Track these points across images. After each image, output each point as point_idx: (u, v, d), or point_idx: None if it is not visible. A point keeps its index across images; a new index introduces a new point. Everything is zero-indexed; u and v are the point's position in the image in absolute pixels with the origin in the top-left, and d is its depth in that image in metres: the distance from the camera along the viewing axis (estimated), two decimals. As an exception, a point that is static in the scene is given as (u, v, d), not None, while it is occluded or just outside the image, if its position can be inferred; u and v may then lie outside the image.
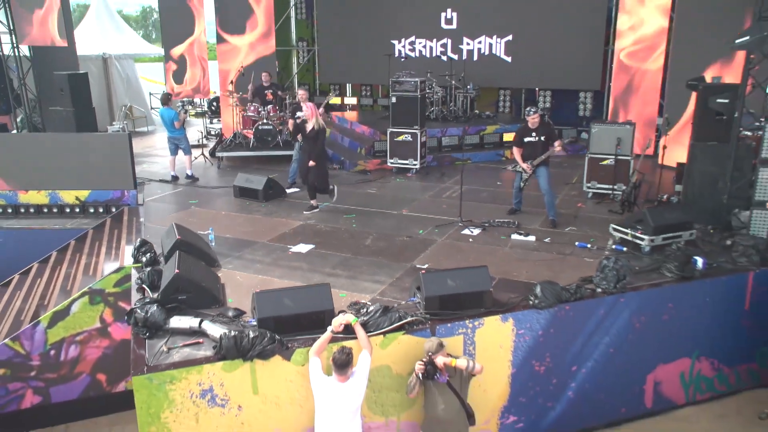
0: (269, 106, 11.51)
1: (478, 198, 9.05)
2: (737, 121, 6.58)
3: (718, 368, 6.39)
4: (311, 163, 8.15)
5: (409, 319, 4.97)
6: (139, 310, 4.92)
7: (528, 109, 7.77)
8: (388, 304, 5.15)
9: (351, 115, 14.42)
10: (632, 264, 6.13)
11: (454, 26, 14.29)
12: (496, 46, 13.99)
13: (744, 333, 6.35)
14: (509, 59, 13.92)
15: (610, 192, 8.69)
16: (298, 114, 9.25)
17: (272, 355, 4.56)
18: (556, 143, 7.44)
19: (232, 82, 12.13)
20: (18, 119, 12.40)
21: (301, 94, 9.67)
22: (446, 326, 5.09)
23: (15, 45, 10.61)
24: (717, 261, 6.24)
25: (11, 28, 10.36)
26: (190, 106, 14.12)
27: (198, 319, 4.89)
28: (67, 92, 10.88)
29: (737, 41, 6.38)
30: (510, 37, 13.79)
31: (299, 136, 8.61)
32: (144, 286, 5.58)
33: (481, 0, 14.07)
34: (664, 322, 5.94)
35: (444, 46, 14.49)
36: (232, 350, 4.46)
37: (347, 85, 16.82)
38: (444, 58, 14.36)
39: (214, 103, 15.47)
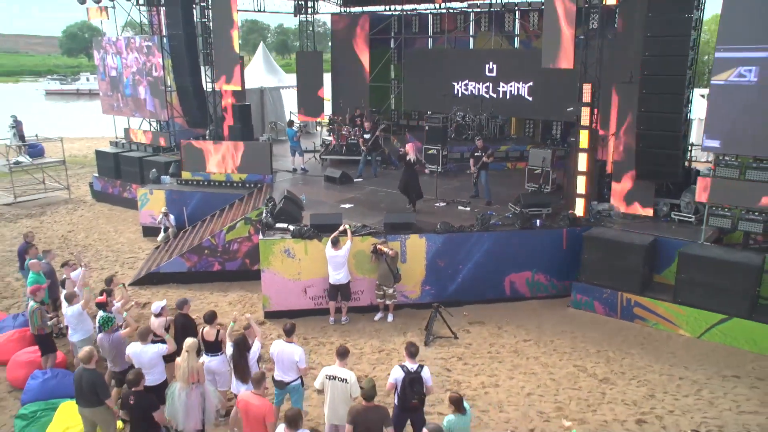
0: (356, 129, 18.23)
1: (463, 188, 15.11)
2: (574, 151, 12.19)
3: (551, 280, 12.10)
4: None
5: (374, 230, 11.41)
6: (264, 219, 11.80)
7: (476, 137, 13.85)
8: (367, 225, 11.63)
9: (416, 134, 20.81)
10: (504, 221, 12.10)
11: (494, 74, 20.14)
12: (522, 89, 19.66)
13: (564, 261, 11.98)
14: (530, 98, 19.54)
15: (538, 188, 14.39)
16: (402, 149, 14.72)
17: (313, 239, 11.20)
18: (485, 158, 13.47)
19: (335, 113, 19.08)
20: (208, 131, 20.14)
21: (366, 125, 16.35)
22: (392, 236, 11.42)
23: (213, 88, 18.28)
24: (549, 223, 11.99)
25: (213, 80, 18.03)
26: (303, 128, 21.32)
27: (286, 224, 11.65)
28: (238, 116, 18.38)
29: (568, 109, 12.09)
30: (531, 83, 19.40)
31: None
32: (267, 213, 12.43)
33: (512, 57, 19.93)
34: (512, 250, 11.80)
35: (487, 87, 20.42)
36: (297, 234, 11.18)
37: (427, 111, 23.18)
38: (486, 96, 20.32)
39: (331, 124, 22.51)
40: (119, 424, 7.66)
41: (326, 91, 21.18)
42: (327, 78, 21.58)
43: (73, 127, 37.35)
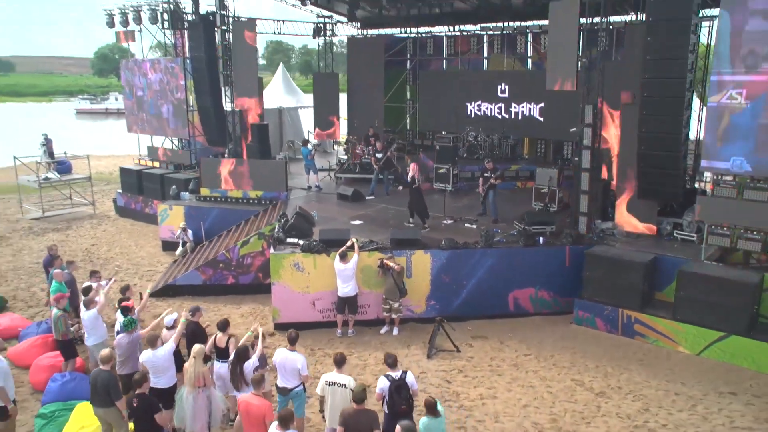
0: (369, 148, 18.70)
1: (472, 206, 15.43)
2: (578, 172, 12.49)
3: (554, 297, 12.33)
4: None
5: (380, 245, 11.80)
6: (275, 234, 12.26)
7: (485, 159, 14.22)
8: (374, 241, 12.02)
9: (429, 153, 21.24)
10: (509, 238, 12.40)
11: (506, 95, 20.52)
12: (533, 109, 19.99)
13: (567, 278, 12.21)
14: (542, 119, 19.87)
15: (543, 207, 14.67)
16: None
17: (321, 253, 11.61)
18: (493, 179, 13.82)
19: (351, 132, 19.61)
20: (227, 149, 20.80)
21: (378, 144, 16.83)
22: (398, 251, 11.79)
23: (233, 108, 18.97)
24: (552, 240, 12.26)
25: (232, 100, 18.72)
26: (317, 147, 21.92)
27: (297, 239, 12.09)
28: (256, 135, 19.00)
29: (571, 130, 12.41)
30: (542, 104, 19.74)
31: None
32: (279, 228, 12.89)
33: (524, 78, 20.31)
34: (515, 266, 12.09)
35: (499, 108, 20.79)
36: (306, 248, 11.61)
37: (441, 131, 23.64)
38: (499, 116, 20.69)
39: (346, 144, 23.09)
40: (131, 425, 8.09)
41: (342, 111, 21.76)
42: (343, 98, 22.20)
43: (101, 144, 38.49)
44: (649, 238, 12.54)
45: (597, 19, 12.62)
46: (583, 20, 12.44)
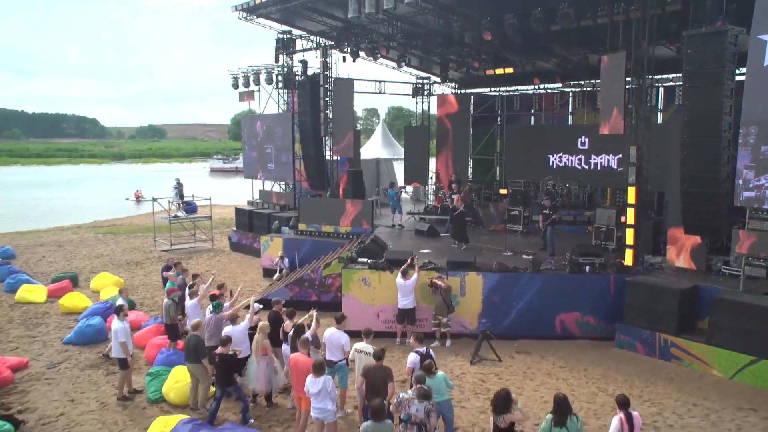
0: (450, 192, 20.44)
1: (536, 243, 16.60)
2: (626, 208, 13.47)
3: (599, 322, 13.17)
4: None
5: (437, 266, 13.38)
6: (350, 255, 14.22)
7: (544, 197, 15.53)
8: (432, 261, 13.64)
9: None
10: (558, 266, 13.54)
11: (586, 147, 21.62)
12: (612, 161, 20.89)
13: (611, 305, 13.05)
14: (619, 170, 20.70)
15: (603, 244, 15.56)
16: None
17: (386, 270, 13.39)
18: (554, 216, 15.07)
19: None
20: (326, 192, 23.39)
21: (454, 187, 18.58)
22: (453, 272, 13.30)
23: (332, 156, 21.64)
24: (598, 270, 13.23)
25: (331, 148, 21.40)
26: (402, 190, 23.95)
27: (366, 258, 13.97)
28: (351, 180, 21.42)
29: (619, 169, 13.46)
30: (620, 156, 20.61)
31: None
32: (355, 251, 14.84)
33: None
34: (562, 291, 13.14)
35: (579, 159, 21.86)
36: (373, 266, 13.45)
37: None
38: (578, 167, 21.74)
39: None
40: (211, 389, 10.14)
41: (432, 162, 23.78)
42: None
43: (227, 195, 43.09)
44: (697, 272, 13.14)
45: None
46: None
